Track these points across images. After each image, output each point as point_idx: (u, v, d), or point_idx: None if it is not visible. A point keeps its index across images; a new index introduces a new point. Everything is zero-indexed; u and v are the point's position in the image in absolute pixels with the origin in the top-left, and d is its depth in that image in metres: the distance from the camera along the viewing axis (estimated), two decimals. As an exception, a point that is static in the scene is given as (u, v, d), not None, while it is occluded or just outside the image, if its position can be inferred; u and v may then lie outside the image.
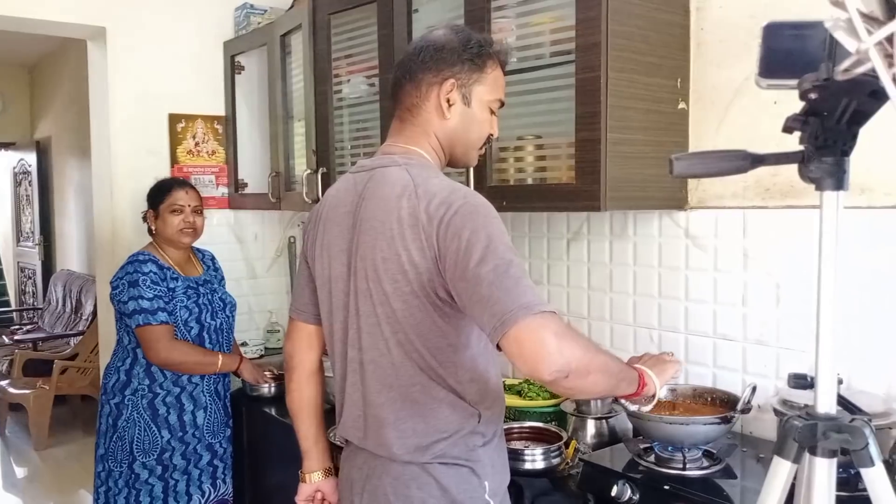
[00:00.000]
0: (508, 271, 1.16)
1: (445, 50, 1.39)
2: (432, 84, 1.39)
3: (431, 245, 1.25)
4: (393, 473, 1.36)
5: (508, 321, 1.12)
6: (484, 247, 1.19)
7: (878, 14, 0.67)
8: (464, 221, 1.22)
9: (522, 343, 1.12)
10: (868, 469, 0.96)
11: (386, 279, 1.31)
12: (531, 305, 1.13)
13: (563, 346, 1.11)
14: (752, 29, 1.84)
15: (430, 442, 1.33)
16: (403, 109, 1.43)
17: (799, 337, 1.79)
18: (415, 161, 1.38)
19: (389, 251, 1.30)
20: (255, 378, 2.58)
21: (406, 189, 1.30)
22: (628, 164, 1.81)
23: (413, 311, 1.30)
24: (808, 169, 0.95)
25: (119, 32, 3.08)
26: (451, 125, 1.41)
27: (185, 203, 2.47)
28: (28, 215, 7.34)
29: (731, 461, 1.68)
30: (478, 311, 1.18)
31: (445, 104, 1.39)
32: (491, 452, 1.39)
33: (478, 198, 1.28)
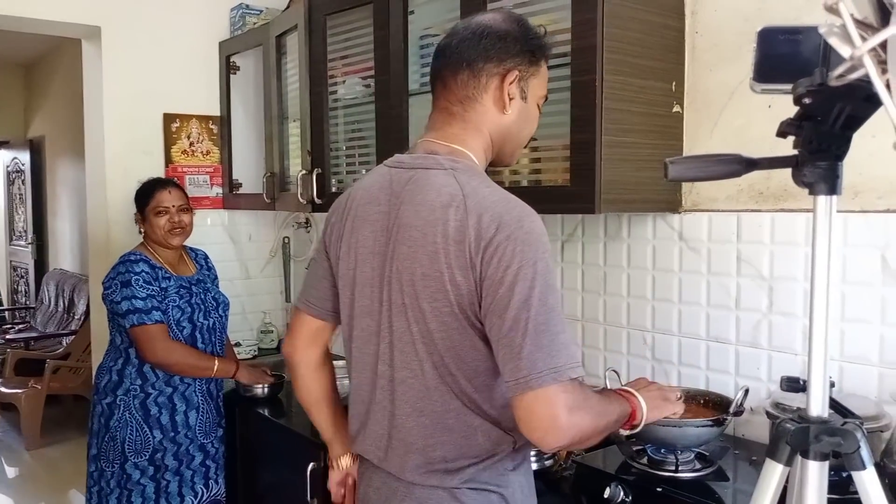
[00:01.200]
0: (549, 323, 1.11)
1: (510, 39, 1.27)
2: (494, 75, 1.27)
3: (475, 266, 1.16)
4: (416, 498, 1.27)
5: (532, 383, 1.09)
6: (529, 287, 1.11)
7: (872, 20, 0.68)
8: (514, 250, 1.13)
9: (533, 413, 1.10)
10: (860, 472, 0.96)
11: (424, 297, 1.20)
12: (560, 370, 1.09)
13: (572, 421, 1.10)
14: (747, 33, 1.86)
15: (460, 466, 1.25)
16: (455, 101, 1.29)
17: (791, 340, 1.80)
18: (462, 165, 1.25)
19: (431, 267, 1.19)
20: (255, 380, 2.57)
21: (454, 199, 1.19)
22: (623, 166, 1.81)
23: (451, 332, 1.20)
24: (802, 173, 0.96)
25: (114, 32, 3.07)
26: (508, 121, 1.30)
27: (170, 203, 2.45)
28: (21, 214, 7.32)
29: (724, 464, 1.69)
30: (503, 355, 1.13)
31: (507, 98, 1.28)
32: (521, 477, 1.31)
33: (534, 221, 1.18)
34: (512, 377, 1.11)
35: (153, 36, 3.16)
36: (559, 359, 1.09)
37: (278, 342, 3.50)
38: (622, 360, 2.17)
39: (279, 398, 2.64)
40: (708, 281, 1.96)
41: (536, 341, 1.09)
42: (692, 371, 2.01)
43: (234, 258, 3.48)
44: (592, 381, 2.22)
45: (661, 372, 2.08)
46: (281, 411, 2.55)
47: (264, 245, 3.59)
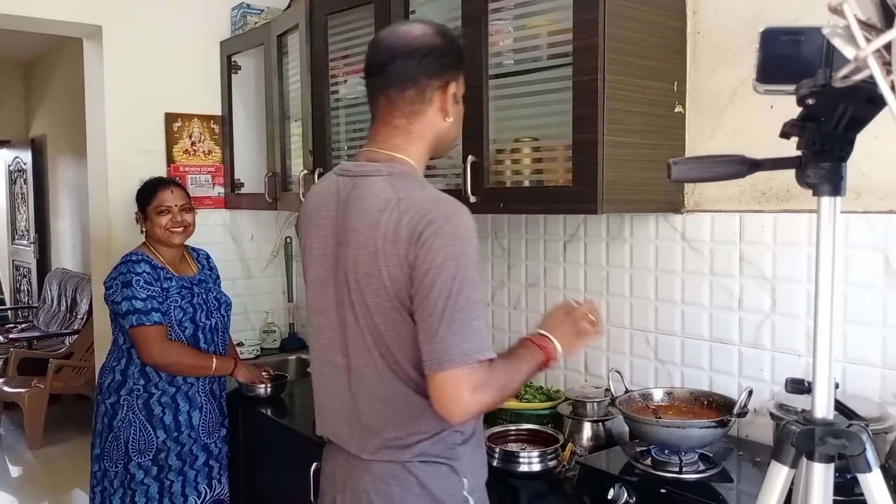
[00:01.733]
0: (464, 311, 1.23)
1: (445, 54, 1.38)
2: (436, 89, 1.38)
3: (409, 261, 1.27)
4: (374, 472, 1.39)
5: (444, 364, 1.22)
6: (451, 278, 1.23)
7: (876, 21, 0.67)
8: (441, 244, 1.24)
9: (442, 392, 1.24)
10: (865, 475, 0.96)
11: (368, 293, 1.33)
12: (469, 354, 1.22)
13: (475, 400, 1.24)
14: (749, 33, 1.86)
15: (411, 442, 1.37)
16: (399, 115, 1.39)
17: (794, 341, 1.80)
18: (398, 170, 1.36)
19: (372, 266, 1.31)
20: (252, 379, 2.57)
21: (389, 203, 1.31)
22: (625, 166, 1.81)
23: (394, 324, 1.32)
24: (806, 174, 0.95)
25: (115, 31, 3.07)
26: (448, 125, 1.43)
27: (172, 203, 2.45)
28: (23, 213, 7.32)
29: (728, 465, 1.68)
30: (422, 338, 1.26)
31: (448, 107, 1.40)
32: (470, 450, 1.42)
33: (462, 218, 1.28)
34: (427, 358, 1.25)
35: (154, 35, 3.16)
36: (470, 343, 1.23)
37: (281, 342, 3.50)
38: (625, 361, 2.17)
39: (282, 398, 2.64)
40: (711, 281, 1.96)
41: (451, 327, 1.23)
42: (695, 372, 2.00)
43: (235, 258, 3.48)
44: (595, 382, 2.22)
45: (664, 372, 2.08)
46: (283, 411, 2.55)
47: (266, 245, 3.59)
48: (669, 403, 1.82)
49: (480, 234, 2.59)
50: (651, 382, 2.08)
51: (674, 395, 1.84)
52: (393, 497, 1.37)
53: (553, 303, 2.38)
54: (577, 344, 1.45)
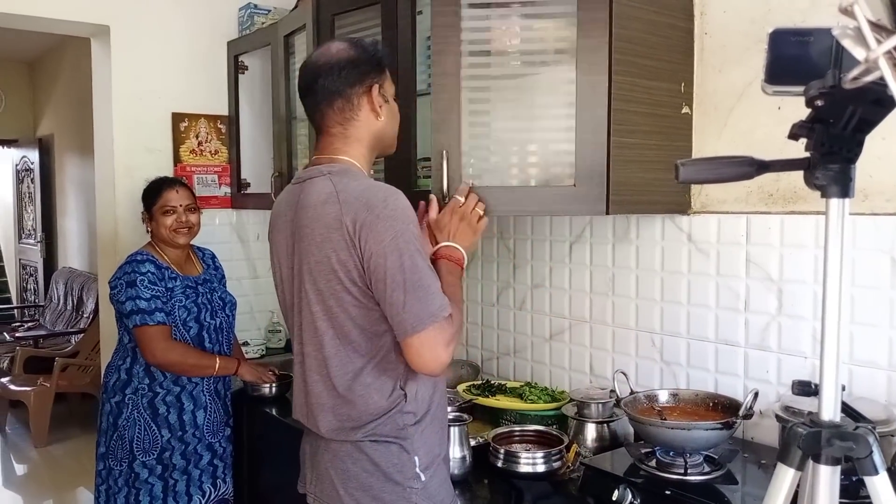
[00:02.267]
0: (421, 280, 1.38)
1: (360, 62, 1.53)
2: (361, 95, 1.54)
3: (356, 245, 1.40)
4: (332, 450, 1.52)
5: (417, 327, 1.37)
6: (400, 253, 1.38)
7: (887, 23, 0.67)
8: (384, 226, 1.38)
9: (421, 353, 1.39)
10: (872, 477, 0.96)
11: (320, 279, 1.46)
12: (435, 314, 1.38)
13: (449, 351, 1.41)
14: (756, 34, 1.85)
15: (362, 423, 1.48)
16: (334, 124, 1.55)
17: (800, 343, 1.79)
18: (337, 168, 1.51)
19: (320, 254, 1.45)
20: (256, 378, 2.57)
21: (329, 196, 1.45)
22: (631, 168, 1.81)
23: (347, 306, 1.45)
24: (814, 176, 0.95)
25: (123, 31, 3.08)
26: (383, 123, 1.57)
27: (177, 203, 2.46)
28: (30, 212, 7.35)
29: (733, 467, 1.68)
30: (390, 312, 1.40)
31: (378, 107, 1.55)
32: (423, 428, 1.52)
33: (398, 199, 1.42)
34: (400, 327, 1.39)
35: (161, 35, 3.16)
36: (434, 305, 1.39)
37: (286, 341, 3.51)
38: (630, 362, 2.17)
39: (287, 397, 2.64)
40: (717, 283, 1.95)
41: (415, 294, 1.38)
42: (701, 373, 2.00)
43: (241, 257, 3.49)
44: (601, 383, 2.22)
45: (670, 374, 2.07)
46: (288, 410, 2.53)
47: (272, 244, 3.59)
48: (675, 405, 1.82)
49: (486, 235, 2.60)
50: (656, 384, 2.08)
51: (679, 397, 1.83)
52: (349, 474, 1.49)
53: (559, 303, 2.37)
54: (475, 240, 1.67)
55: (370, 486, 1.48)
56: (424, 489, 1.50)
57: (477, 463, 1.85)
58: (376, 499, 1.47)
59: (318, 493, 1.56)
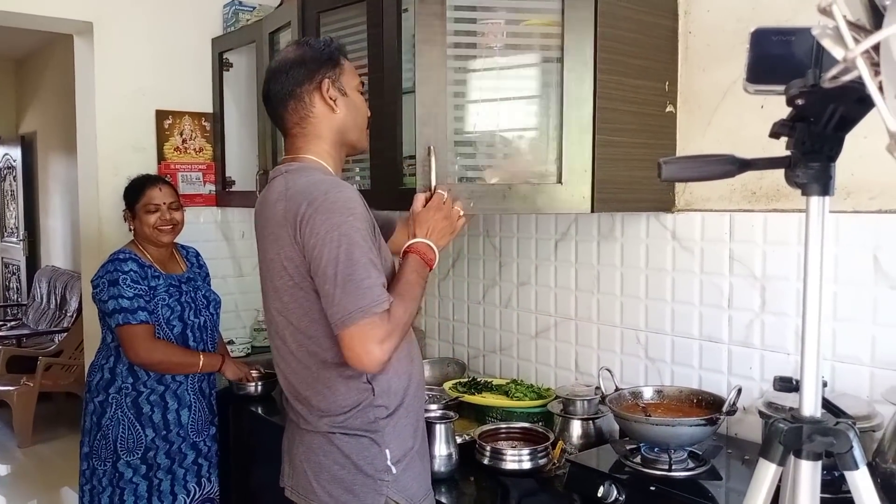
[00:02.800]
0: (354, 274, 1.36)
1: (307, 60, 1.56)
2: (312, 91, 1.55)
3: (298, 241, 1.42)
4: (305, 442, 1.55)
5: (346, 322, 1.35)
6: (336, 246, 1.37)
7: (865, 22, 0.68)
8: (322, 218, 1.39)
9: (352, 350, 1.36)
10: (852, 472, 0.97)
11: (275, 276, 1.50)
12: (365, 309, 1.35)
13: (384, 349, 1.37)
14: (740, 33, 1.87)
15: (334, 415, 1.50)
16: (293, 125, 1.58)
17: (783, 339, 1.81)
18: (295, 166, 1.54)
19: (272, 252, 1.49)
20: (240, 377, 2.56)
21: (280, 195, 1.48)
22: (616, 166, 1.81)
23: (299, 301, 1.46)
24: (795, 174, 0.96)
25: (106, 28, 3.05)
26: (341, 117, 1.58)
27: (161, 201, 2.44)
28: (12, 210, 7.28)
29: (717, 462, 1.69)
30: (324, 305, 1.40)
31: (331, 101, 1.55)
32: (396, 422, 1.52)
33: (340, 192, 1.42)
34: (332, 321, 1.38)
35: (146, 32, 3.14)
36: (364, 300, 1.36)
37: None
38: (616, 359, 2.18)
39: (272, 396, 2.64)
40: (701, 280, 1.97)
41: (345, 289, 1.36)
42: (685, 370, 2.01)
43: (227, 256, 3.47)
44: (586, 380, 2.23)
45: (655, 371, 2.08)
46: (274, 409, 2.54)
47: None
48: (659, 401, 1.83)
49: (472, 233, 2.60)
50: (641, 380, 2.09)
51: (664, 394, 1.85)
52: (322, 466, 1.51)
53: (544, 301, 2.38)
54: (449, 239, 1.64)
55: (342, 478, 1.49)
56: (396, 482, 1.50)
57: (463, 460, 1.85)
58: (349, 491, 1.49)
59: (295, 485, 1.58)
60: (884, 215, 1.64)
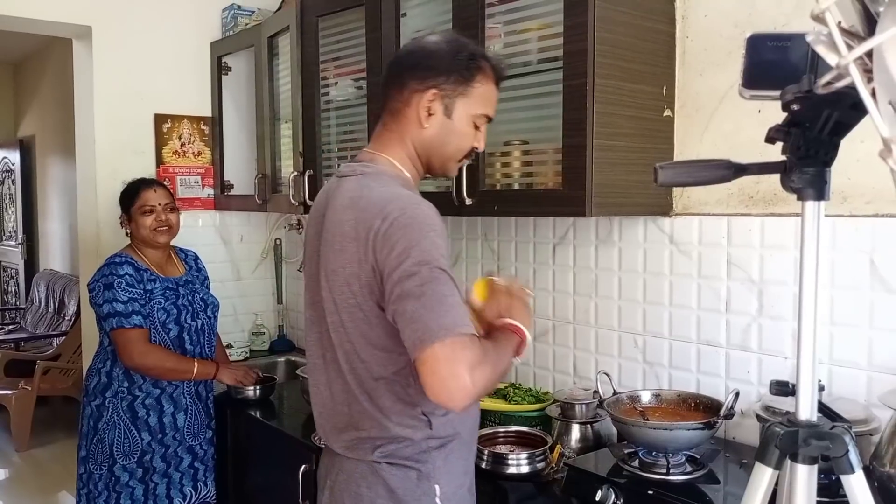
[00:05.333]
0: (436, 290, 1.19)
1: (434, 58, 1.38)
2: (415, 91, 1.38)
3: (369, 258, 1.27)
4: (346, 470, 1.39)
5: (427, 340, 1.16)
6: (415, 262, 1.21)
7: (859, 29, 0.68)
8: (398, 234, 1.24)
9: (436, 371, 1.15)
10: (848, 476, 0.97)
11: (335, 290, 1.34)
12: (449, 327, 1.16)
13: (475, 379, 1.15)
14: (737, 38, 1.87)
15: (381, 442, 1.35)
16: (388, 113, 1.44)
17: (781, 343, 1.81)
18: (372, 169, 1.39)
19: (336, 263, 1.33)
20: (237, 379, 2.55)
21: (352, 201, 1.33)
22: (614, 170, 1.82)
23: (358, 322, 1.32)
24: (790, 179, 0.96)
25: (105, 32, 3.06)
26: (428, 135, 1.40)
27: (156, 202, 2.44)
28: (11, 214, 7.28)
29: (715, 466, 1.69)
30: (400, 326, 1.22)
31: (425, 113, 1.38)
32: (448, 454, 1.38)
33: (417, 208, 1.27)
34: (409, 341, 1.20)
35: (144, 36, 3.15)
36: (448, 318, 1.17)
37: (270, 344, 3.50)
38: (613, 363, 2.18)
39: (270, 400, 2.64)
40: (698, 284, 1.97)
41: (425, 305, 1.18)
42: (683, 374, 2.01)
43: (225, 259, 3.47)
44: (584, 384, 2.23)
45: (652, 374, 2.09)
46: (272, 413, 2.54)
47: (256, 246, 3.58)
48: (657, 405, 1.83)
49: (471, 237, 2.61)
50: (639, 384, 2.09)
51: (661, 397, 1.85)
52: (362, 499, 1.36)
53: (542, 305, 2.38)
54: (529, 315, 1.42)
55: None
56: None
57: (461, 464, 1.85)
58: None
59: None
60: (880, 219, 1.64)
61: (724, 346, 1.92)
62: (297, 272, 3.36)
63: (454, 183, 2.03)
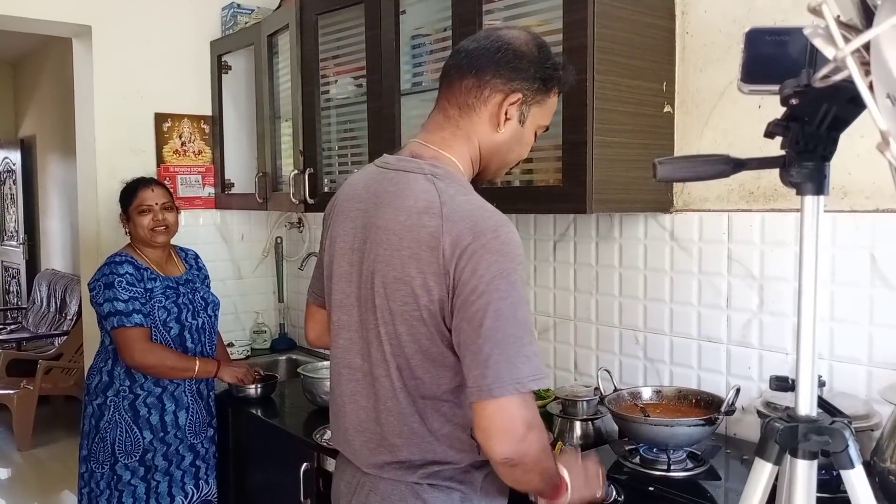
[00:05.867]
0: (517, 335, 1.13)
1: (525, 59, 1.27)
2: (498, 91, 1.27)
3: (448, 273, 1.17)
4: (381, 492, 1.29)
5: (494, 392, 1.11)
6: (501, 298, 1.13)
7: (856, 22, 0.68)
8: (490, 260, 1.14)
9: (492, 423, 1.12)
10: (848, 471, 0.97)
11: (395, 299, 1.22)
12: (522, 382, 1.11)
13: (529, 437, 1.13)
14: (736, 34, 1.87)
15: (423, 463, 1.27)
16: (454, 105, 1.30)
17: (782, 339, 1.81)
18: (442, 171, 1.26)
19: (403, 272, 1.21)
20: (238, 378, 2.56)
21: (431, 205, 1.20)
22: (614, 166, 1.82)
23: (419, 337, 1.22)
24: (789, 174, 0.96)
25: (105, 31, 3.06)
26: (500, 140, 1.31)
27: (153, 202, 2.44)
28: (12, 214, 7.28)
29: (716, 462, 1.69)
30: (468, 361, 1.15)
31: (503, 117, 1.29)
32: (486, 474, 1.30)
33: (509, 231, 1.19)
34: (475, 384, 1.13)
35: (144, 35, 3.15)
36: (523, 371, 1.12)
37: (271, 342, 3.50)
38: (614, 360, 2.18)
39: (272, 399, 2.64)
40: (699, 280, 1.97)
41: (503, 351, 1.11)
42: (684, 370, 2.01)
43: (226, 258, 3.48)
44: (585, 381, 2.23)
45: (653, 371, 2.08)
46: (273, 412, 2.55)
47: (257, 245, 3.58)
48: (658, 402, 1.83)
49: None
50: (640, 381, 2.09)
51: (662, 394, 1.85)
52: None
53: (543, 302, 2.38)
54: (584, 491, 1.31)
55: None
56: None
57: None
58: None
59: None
60: (880, 214, 1.64)
61: (724, 343, 1.92)
62: (299, 270, 3.36)
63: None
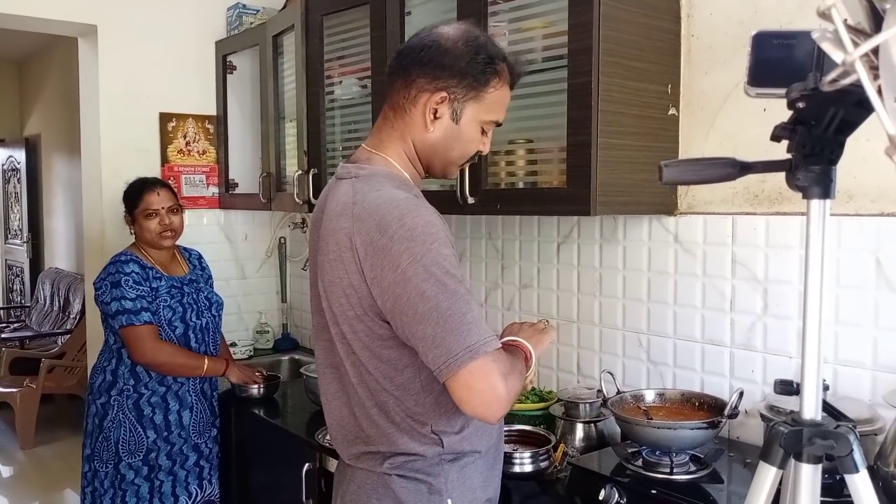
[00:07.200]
0: (452, 307, 1.14)
1: (449, 56, 1.27)
2: (424, 90, 1.28)
3: (368, 271, 1.20)
4: (357, 481, 1.35)
5: (454, 365, 1.13)
6: (422, 280, 1.14)
7: (865, 26, 0.68)
8: (400, 250, 1.16)
9: (472, 389, 1.13)
10: (852, 475, 0.97)
11: (334, 301, 1.28)
12: (476, 347, 1.13)
13: (509, 387, 1.15)
14: (741, 36, 1.87)
15: (391, 456, 1.31)
16: (390, 106, 1.34)
17: (786, 342, 1.81)
18: (367, 171, 1.30)
19: (333, 274, 1.26)
20: (244, 379, 2.57)
21: (345, 208, 1.25)
22: (619, 168, 1.81)
23: (359, 335, 1.26)
24: (796, 177, 0.96)
25: (110, 30, 3.07)
26: (432, 138, 1.32)
27: (159, 206, 2.43)
28: (16, 212, 7.30)
29: (719, 466, 1.69)
30: (421, 348, 1.17)
31: (431, 116, 1.29)
32: (462, 468, 1.33)
33: (416, 215, 1.19)
34: (435, 367, 1.16)
35: (149, 35, 3.15)
36: (472, 337, 1.13)
37: (274, 342, 3.50)
38: (618, 362, 2.18)
39: (275, 399, 2.64)
40: (703, 283, 1.96)
41: (444, 327, 1.13)
42: (687, 373, 2.01)
43: (230, 258, 3.48)
44: (587, 383, 2.23)
45: (657, 374, 2.08)
46: (276, 412, 2.55)
47: (260, 245, 3.59)
48: (661, 405, 1.83)
49: (475, 235, 2.60)
50: (643, 384, 2.09)
51: (665, 397, 1.84)
52: None
53: (546, 304, 2.38)
54: (541, 339, 1.40)
55: None
56: None
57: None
58: None
59: None
60: (886, 218, 1.64)
61: (728, 346, 1.92)
62: (302, 270, 3.36)
63: (458, 181, 2.02)
